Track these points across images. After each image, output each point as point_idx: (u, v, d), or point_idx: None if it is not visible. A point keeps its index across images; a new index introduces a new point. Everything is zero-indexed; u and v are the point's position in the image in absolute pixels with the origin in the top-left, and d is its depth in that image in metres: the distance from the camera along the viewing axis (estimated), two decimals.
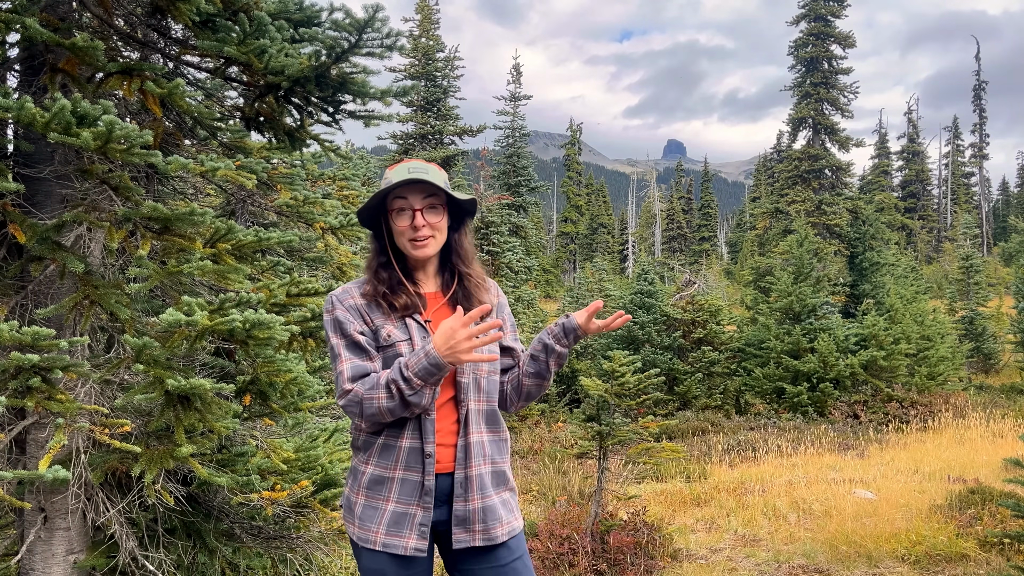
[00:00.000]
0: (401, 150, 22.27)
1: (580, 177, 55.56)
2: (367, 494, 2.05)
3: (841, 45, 25.36)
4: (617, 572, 5.46)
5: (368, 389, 1.95)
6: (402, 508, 2.03)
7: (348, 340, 2.04)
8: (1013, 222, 39.97)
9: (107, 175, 2.41)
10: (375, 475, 2.04)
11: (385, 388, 1.93)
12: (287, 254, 4.26)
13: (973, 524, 6.10)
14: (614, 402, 5.87)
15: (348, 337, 2.04)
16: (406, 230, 2.07)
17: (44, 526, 2.58)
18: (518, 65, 27.54)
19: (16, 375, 2.27)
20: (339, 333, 2.05)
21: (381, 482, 2.04)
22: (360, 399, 1.95)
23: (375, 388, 1.94)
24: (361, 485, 2.06)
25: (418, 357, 1.91)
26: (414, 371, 1.90)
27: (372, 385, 1.96)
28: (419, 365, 1.90)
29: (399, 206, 2.07)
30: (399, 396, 1.92)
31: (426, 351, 1.90)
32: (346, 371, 1.99)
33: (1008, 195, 63.91)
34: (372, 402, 1.94)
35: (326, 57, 2.46)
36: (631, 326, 16.01)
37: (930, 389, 14.85)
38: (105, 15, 2.61)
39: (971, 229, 36.39)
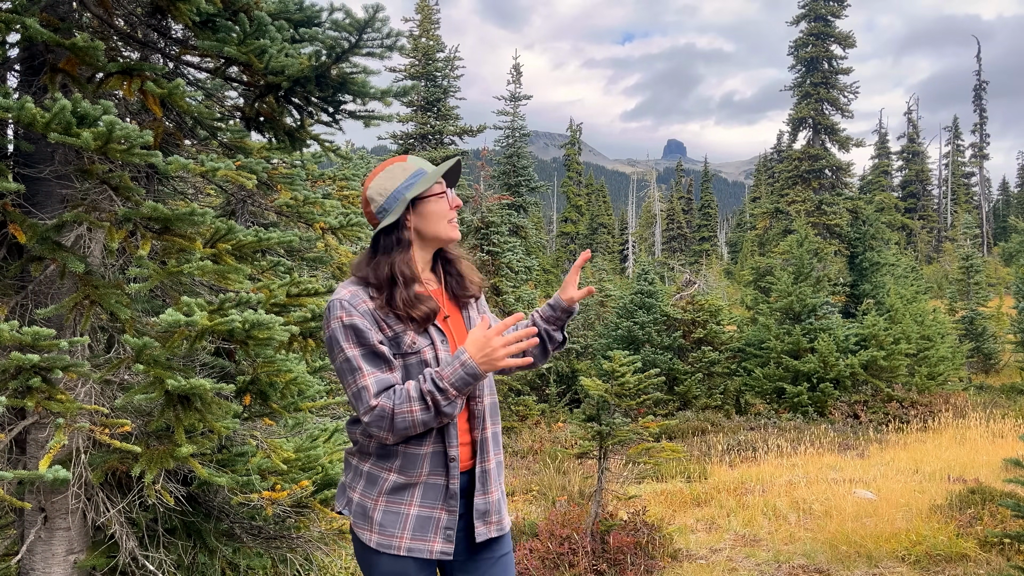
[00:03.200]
0: (401, 150, 22.27)
1: (580, 177, 55.51)
2: (388, 499, 1.97)
3: (841, 45, 25.35)
4: (617, 572, 5.46)
5: (400, 403, 1.86)
6: (426, 512, 1.97)
7: (367, 350, 1.91)
8: (1013, 222, 39.96)
9: (107, 175, 2.41)
10: (398, 482, 1.97)
11: (420, 400, 1.85)
12: (287, 254, 4.26)
13: (973, 524, 6.09)
14: (614, 402, 5.87)
15: (367, 347, 1.91)
16: (447, 212, 2.05)
17: (44, 526, 2.58)
18: (518, 65, 27.53)
19: (16, 375, 2.27)
20: (356, 342, 1.91)
21: (404, 488, 1.97)
22: (390, 414, 1.85)
23: (407, 401, 1.86)
24: (382, 491, 1.98)
25: (453, 367, 1.86)
26: (450, 381, 1.85)
27: (403, 398, 1.86)
28: (455, 375, 1.85)
29: (439, 191, 2.06)
30: (434, 407, 1.85)
31: (461, 361, 1.86)
32: (371, 385, 1.87)
33: (1008, 195, 63.89)
34: (405, 416, 1.85)
35: (326, 57, 2.46)
36: (631, 326, 16.01)
37: (930, 389, 14.85)
38: (105, 15, 2.61)
39: (971, 229, 36.39)
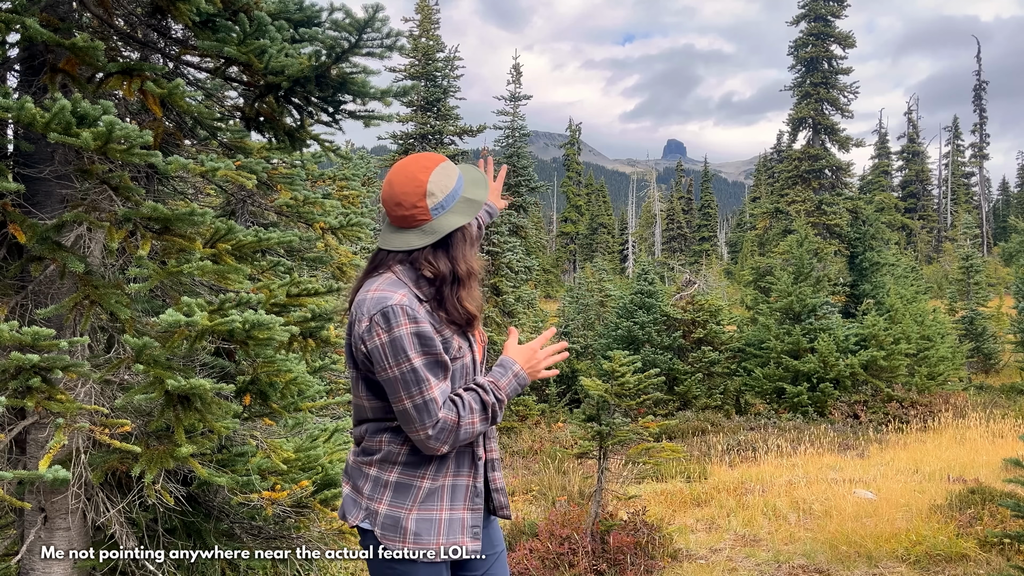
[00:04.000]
0: (401, 150, 22.25)
1: (580, 177, 55.55)
2: (422, 507, 1.94)
3: (841, 45, 25.33)
4: (617, 572, 5.46)
5: (465, 415, 1.86)
6: (457, 514, 1.98)
7: (432, 359, 1.85)
8: (1013, 222, 39.94)
9: (107, 175, 2.41)
10: (431, 487, 1.95)
11: (482, 412, 1.89)
12: (287, 254, 4.26)
13: (973, 524, 6.10)
14: (614, 402, 5.87)
15: (433, 355, 1.85)
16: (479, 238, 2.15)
17: (44, 526, 2.58)
18: (518, 65, 27.53)
19: (16, 375, 2.27)
20: (423, 351, 1.84)
21: (434, 493, 1.96)
22: (454, 427, 1.84)
23: (470, 413, 1.87)
24: (417, 500, 1.94)
25: (508, 379, 1.96)
26: (507, 392, 1.95)
27: (467, 410, 1.87)
28: (511, 386, 1.97)
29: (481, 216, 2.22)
30: (492, 418, 1.92)
31: (515, 372, 1.98)
32: (439, 397, 1.83)
33: (1008, 195, 63.91)
34: (468, 428, 1.86)
35: (326, 57, 2.46)
36: (631, 326, 16.01)
37: (930, 389, 14.85)
38: (105, 15, 2.61)
39: (971, 229, 36.36)
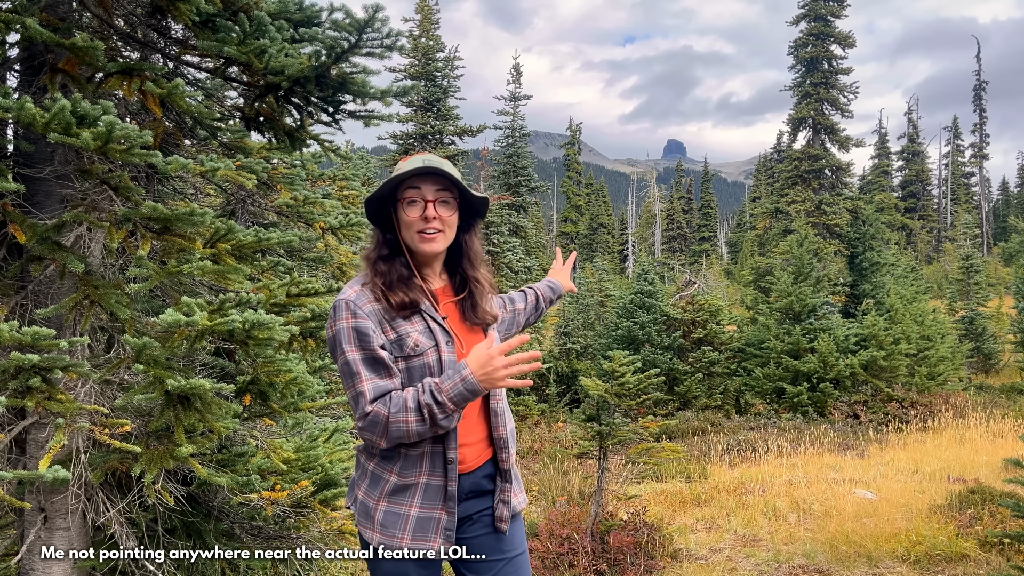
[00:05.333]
0: (401, 150, 22.26)
1: (580, 177, 55.54)
2: (389, 500, 1.98)
3: (841, 45, 25.35)
4: (617, 572, 5.46)
5: (396, 412, 1.85)
6: (426, 513, 1.98)
7: (367, 354, 1.89)
8: (1013, 222, 39.97)
9: (107, 175, 2.41)
10: (399, 483, 1.98)
11: (416, 411, 1.84)
12: (287, 254, 4.27)
13: (973, 524, 6.10)
14: (614, 402, 5.87)
15: (368, 351, 1.89)
16: (416, 221, 1.96)
17: (44, 526, 2.58)
18: (518, 65, 27.52)
19: (16, 375, 2.27)
20: (358, 345, 1.89)
21: (405, 489, 1.98)
22: (384, 422, 1.85)
23: (403, 411, 1.85)
24: (383, 493, 1.99)
25: (453, 382, 1.84)
26: (449, 396, 1.83)
27: (400, 407, 1.85)
28: (455, 390, 1.83)
29: (411, 196, 1.97)
30: (430, 420, 1.84)
31: (462, 376, 1.84)
32: (368, 392, 1.86)
33: (1008, 195, 63.91)
34: (400, 426, 1.85)
35: (326, 57, 2.46)
36: (631, 326, 16.01)
37: (930, 389, 14.85)
38: (105, 15, 2.61)
39: (971, 229, 36.38)
